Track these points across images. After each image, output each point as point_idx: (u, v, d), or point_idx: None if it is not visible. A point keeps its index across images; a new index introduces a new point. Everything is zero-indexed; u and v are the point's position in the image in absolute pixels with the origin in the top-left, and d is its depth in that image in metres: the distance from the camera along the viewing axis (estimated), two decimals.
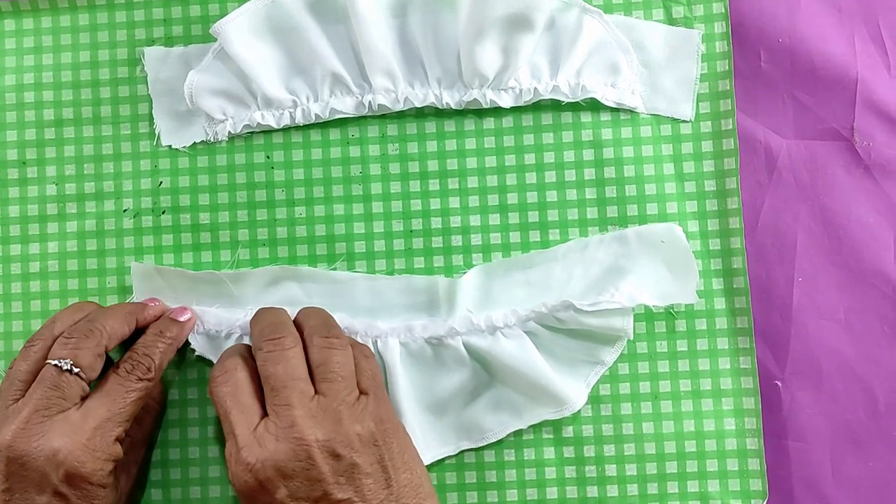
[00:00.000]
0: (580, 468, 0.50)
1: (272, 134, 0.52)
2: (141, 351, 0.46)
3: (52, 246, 0.52)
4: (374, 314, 0.50)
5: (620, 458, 0.50)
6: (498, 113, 0.51)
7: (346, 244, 0.51)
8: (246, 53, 0.50)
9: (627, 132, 0.51)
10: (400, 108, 0.51)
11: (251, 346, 0.46)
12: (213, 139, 0.51)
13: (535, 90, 0.50)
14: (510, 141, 0.51)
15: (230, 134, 0.51)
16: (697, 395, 0.50)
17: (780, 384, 0.50)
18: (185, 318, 0.49)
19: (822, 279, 0.50)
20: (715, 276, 0.50)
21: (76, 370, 0.44)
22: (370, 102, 0.51)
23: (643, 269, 0.50)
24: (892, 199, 0.51)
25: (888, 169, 0.51)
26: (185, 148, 0.52)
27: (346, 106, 0.51)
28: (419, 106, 0.51)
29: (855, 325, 0.50)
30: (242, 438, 0.42)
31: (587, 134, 0.51)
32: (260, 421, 0.43)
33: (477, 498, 0.50)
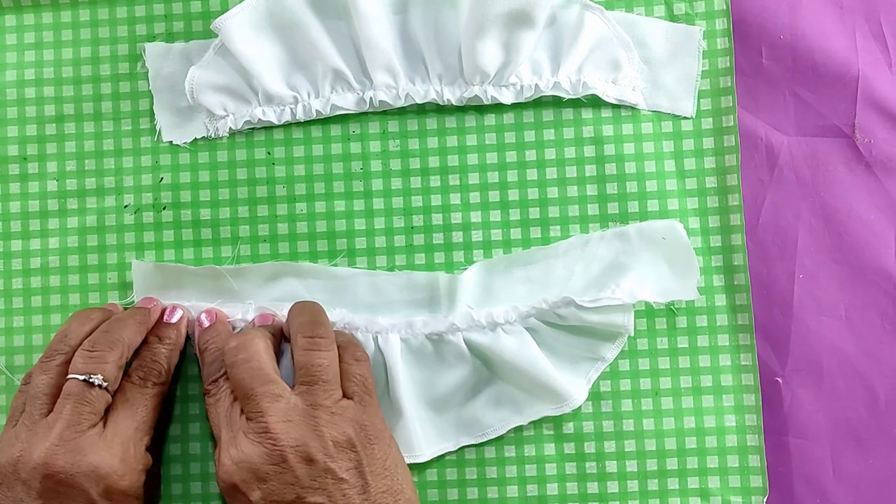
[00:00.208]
0: (580, 464, 0.50)
1: (273, 130, 0.52)
2: (149, 358, 0.47)
3: (52, 242, 0.52)
4: (374, 310, 0.50)
5: (621, 454, 0.50)
6: (499, 109, 0.51)
7: (346, 240, 0.51)
8: (247, 49, 0.50)
9: (628, 129, 0.51)
10: (401, 104, 0.51)
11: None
12: (213, 135, 0.51)
13: (536, 86, 0.50)
14: (511, 137, 0.51)
15: (231, 130, 0.51)
16: (698, 391, 0.50)
17: (780, 381, 0.50)
18: (176, 318, 0.49)
19: (822, 276, 0.50)
20: (716, 272, 0.50)
21: (105, 384, 0.44)
22: (371, 98, 0.51)
23: (644, 265, 0.50)
24: (892, 196, 0.51)
25: (889, 166, 0.51)
26: (185, 144, 0.52)
27: (347, 102, 0.51)
28: (420, 102, 0.51)
29: (856, 321, 0.50)
30: (223, 440, 0.43)
31: (588, 130, 0.51)
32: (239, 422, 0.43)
33: (477, 494, 0.50)
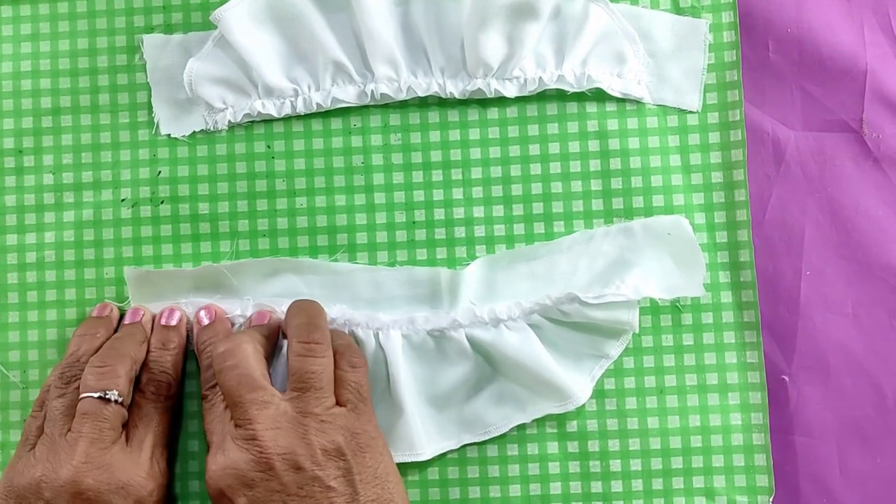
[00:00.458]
0: (584, 463, 0.49)
1: (273, 123, 0.51)
2: (157, 370, 0.47)
3: (48, 236, 0.51)
4: (375, 306, 0.49)
5: (625, 453, 0.49)
6: (502, 103, 0.51)
7: (347, 235, 0.51)
8: (246, 41, 0.49)
9: (633, 123, 0.50)
10: (403, 97, 0.50)
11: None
12: (212, 128, 0.51)
13: (539, 80, 0.50)
14: (514, 131, 0.51)
15: (230, 123, 0.51)
16: (703, 389, 0.49)
17: (787, 379, 0.50)
18: (175, 320, 0.48)
19: (829, 272, 0.50)
20: (721, 269, 0.50)
21: (119, 399, 0.44)
22: (372, 91, 0.50)
23: (649, 261, 0.49)
24: None
25: None
26: (184, 137, 0.51)
27: (347, 95, 0.50)
28: (422, 95, 0.50)
29: (863, 319, 0.50)
30: (213, 446, 0.44)
31: (592, 124, 0.50)
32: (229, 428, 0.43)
33: (480, 493, 0.49)
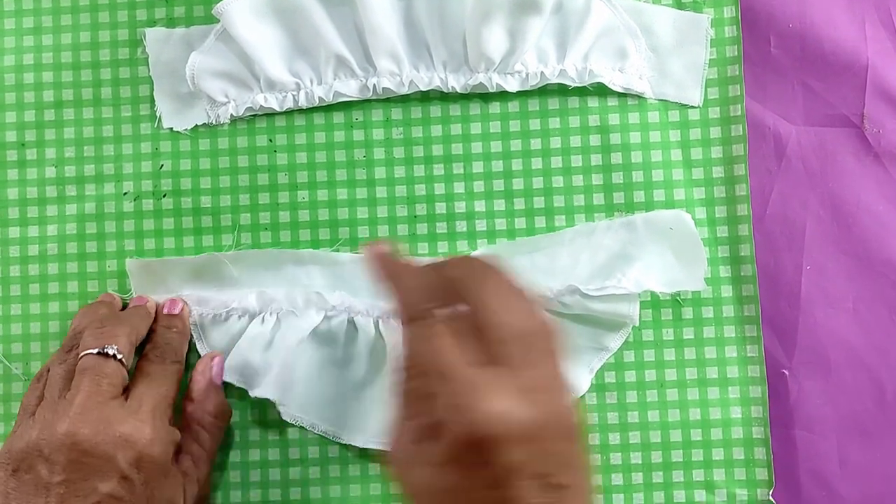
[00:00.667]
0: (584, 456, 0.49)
1: (275, 117, 0.51)
2: (161, 341, 0.47)
3: (51, 229, 0.51)
4: (376, 296, 0.50)
5: (625, 446, 0.49)
6: (504, 97, 0.51)
7: (349, 229, 0.51)
8: (249, 35, 0.49)
9: (635, 117, 0.50)
10: (405, 91, 0.50)
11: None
12: (214, 122, 0.51)
13: (541, 74, 0.50)
14: (516, 126, 0.51)
15: (232, 117, 0.51)
16: (703, 383, 0.49)
17: (787, 373, 0.50)
18: (178, 309, 0.49)
19: (830, 267, 0.50)
20: (722, 263, 0.50)
21: (119, 356, 0.44)
22: (374, 85, 0.50)
23: (650, 255, 0.49)
24: None
25: None
26: (186, 130, 0.51)
27: (350, 89, 0.50)
28: (424, 89, 0.50)
29: (863, 314, 0.50)
30: (464, 377, 0.34)
31: (594, 119, 0.51)
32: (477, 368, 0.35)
33: None
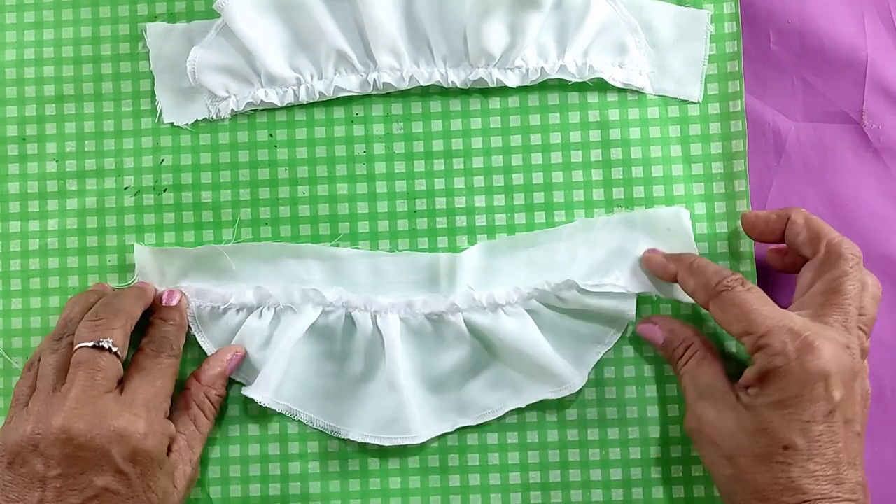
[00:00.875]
0: (583, 451, 0.49)
1: (275, 112, 0.51)
2: (158, 334, 0.47)
3: (52, 223, 0.51)
4: (375, 291, 0.50)
5: (624, 441, 0.49)
6: (504, 93, 0.51)
7: (349, 224, 0.51)
8: (249, 30, 0.49)
9: (634, 113, 0.51)
10: (405, 86, 0.50)
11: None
12: (215, 116, 0.51)
13: (541, 70, 0.50)
14: (516, 121, 0.51)
15: (233, 111, 0.51)
16: None
17: None
18: (175, 301, 0.49)
19: None
20: (721, 259, 0.50)
21: (115, 349, 0.44)
22: (375, 81, 0.50)
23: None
24: None
25: None
26: (187, 125, 0.51)
27: (350, 84, 0.50)
28: (424, 85, 0.50)
29: None
30: (805, 329, 0.42)
31: (594, 115, 0.51)
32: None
33: (479, 480, 0.49)
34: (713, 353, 0.46)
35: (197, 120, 0.51)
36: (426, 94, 0.51)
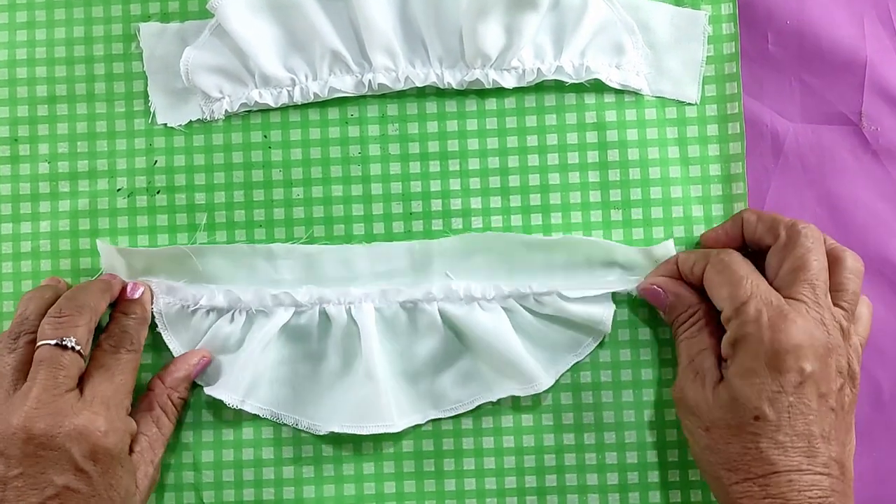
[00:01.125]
0: (559, 456, 0.49)
1: (270, 113, 0.51)
2: (117, 329, 0.47)
3: (44, 225, 0.51)
4: (347, 283, 0.49)
5: (601, 446, 0.49)
6: (500, 93, 0.50)
7: (344, 226, 0.50)
8: (243, 30, 0.49)
9: (632, 114, 0.50)
10: (400, 87, 0.50)
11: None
12: (209, 118, 0.51)
13: (538, 70, 0.49)
14: (512, 122, 0.50)
15: (227, 112, 0.50)
16: None
17: None
18: (139, 293, 0.48)
19: None
20: None
21: (77, 347, 0.44)
22: (370, 81, 0.50)
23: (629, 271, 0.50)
24: None
25: (895, 154, 0.50)
26: (180, 126, 0.51)
27: (345, 85, 0.50)
28: (420, 85, 0.50)
29: None
30: (781, 301, 0.43)
31: (591, 116, 0.50)
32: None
33: (455, 485, 0.49)
34: (715, 323, 0.46)
35: (190, 121, 0.51)
36: (422, 94, 0.51)
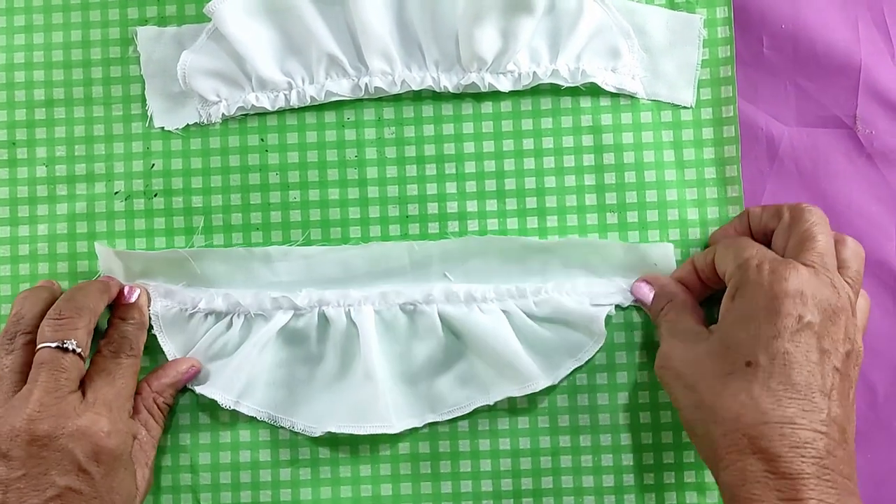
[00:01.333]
0: (556, 458, 0.49)
1: (266, 116, 0.51)
2: (116, 335, 0.47)
3: (41, 228, 0.51)
4: (346, 285, 0.50)
5: (596, 448, 0.49)
6: (496, 97, 0.51)
7: (340, 229, 0.50)
8: (240, 34, 0.49)
9: (627, 118, 0.50)
10: (397, 90, 0.50)
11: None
12: (206, 121, 0.51)
13: (534, 74, 0.50)
14: (508, 126, 0.51)
15: (224, 116, 0.51)
16: None
17: None
18: (134, 297, 0.49)
19: None
20: None
21: (78, 350, 0.44)
22: (366, 85, 0.50)
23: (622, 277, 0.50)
24: (893, 187, 0.50)
25: (890, 157, 0.50)
26: (177, 130, 0.51)
27: (342, 88, 0.50)
28: (416, 89, 0.50)
29: None
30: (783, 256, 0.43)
31: (586, 119, 0.50)
32: None
33: (451, 488, 0.49)
34: (694, 305, 0.47)
35: (188, 124, 0.51)
36: (418, 98, 0.51)
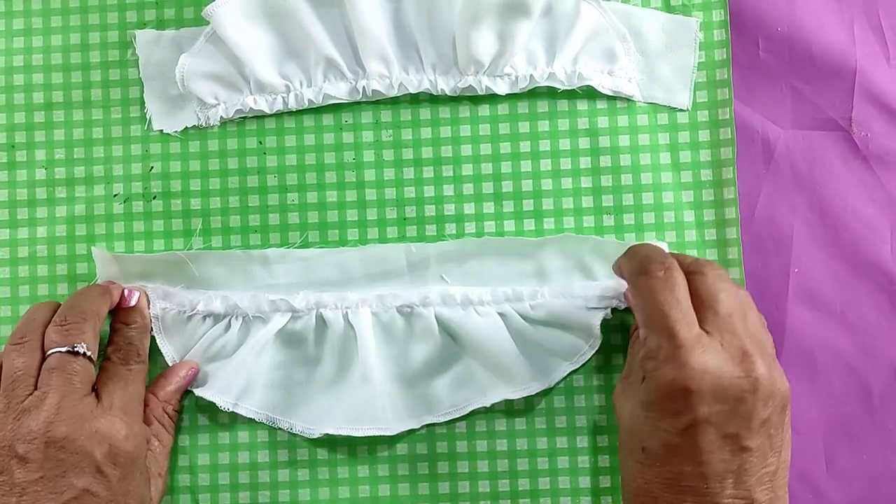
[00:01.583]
0: (552, 459, 0.49)
1: (265, 119, 0.51)
2: (122, 342, 0.48)
3: (41, 231, 0.51)
4: (343, 287, 0.50)
5: (593, 449, 0.49)
6: (493, 100, 0.51)
7: (338, 232, 0.51)
8: (239, 37, 0.49)
9: (624, 120, 0.51)
10: (394, 93, 0.50)
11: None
12: (204, 124, 0.51)
13: (530, 77, 0.50)
14: (505, 128, 0.51)
15: (222, 119, 0.51)
16: None
17: None
18: (134, 300, 0.49)
19: (818, 271, 0.50)
20: None
21: (88, 353, 0.44)
22: (364, 88, 0.50)
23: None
24: (889, 190, 0.50)
25: (886, 160, 0.50)
26: (176, 132, 0.51)
27: (339, 91, 0.50)
28: (414, 92, 0.50)
29: (851, 317, 0.50)
30: (684, 338, 0.40)
31: (583, 122, 0.51)
32: (699, 331, 0.41)
33: (449, 488, 0.49)
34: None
35: (186, 127, 0.51)
36: (415, 101, 0.51)
